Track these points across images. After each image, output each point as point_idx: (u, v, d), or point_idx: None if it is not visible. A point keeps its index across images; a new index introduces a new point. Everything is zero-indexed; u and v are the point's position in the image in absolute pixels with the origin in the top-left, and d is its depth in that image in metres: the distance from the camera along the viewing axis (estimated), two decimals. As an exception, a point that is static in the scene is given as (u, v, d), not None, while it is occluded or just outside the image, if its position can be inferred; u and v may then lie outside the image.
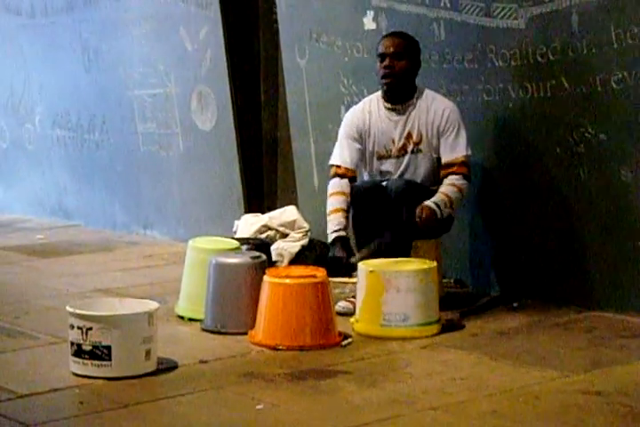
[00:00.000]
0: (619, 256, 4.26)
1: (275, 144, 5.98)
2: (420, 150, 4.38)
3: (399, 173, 4.40)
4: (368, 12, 5.01)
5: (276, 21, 5.66)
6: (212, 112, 5.91)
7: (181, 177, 6.21)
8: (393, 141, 4.39)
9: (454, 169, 4.32)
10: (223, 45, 5.75)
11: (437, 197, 4.24)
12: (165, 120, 6.22)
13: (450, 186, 4.29)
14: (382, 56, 4.36)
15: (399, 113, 4.38)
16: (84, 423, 3.12)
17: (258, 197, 5.93)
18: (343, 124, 4.51)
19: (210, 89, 5.89)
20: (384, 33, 4.90)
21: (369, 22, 5.03)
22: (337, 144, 4.50)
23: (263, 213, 5.63)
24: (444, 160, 4.35)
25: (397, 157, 4.40)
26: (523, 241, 4.61)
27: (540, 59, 4.38)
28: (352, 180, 4.40)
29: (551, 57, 4.34)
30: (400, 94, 4.38)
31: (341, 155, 4.44)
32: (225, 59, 5.76)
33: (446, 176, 4.32)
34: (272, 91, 5.92)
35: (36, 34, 7.03)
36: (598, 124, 4.24)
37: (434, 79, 4.74)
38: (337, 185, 4.39)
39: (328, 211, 4.37)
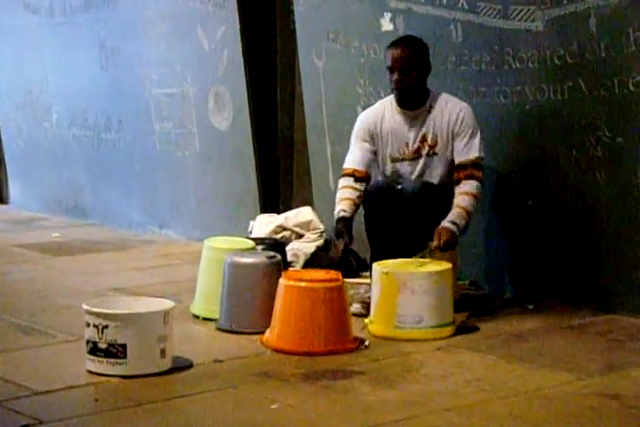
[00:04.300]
0: (635, 259, 4.25)
1: (291, 144, 5.99)
2: (435, 153, 4.38)
3: (415, 175, 4.40)
4: (385, 13, 5.02)
5: (293, 22, 5.67)
6: (228, 112, 5.93)
7: (197, 177, 6.22)
8: (407, 145, 4.39)
9: (467, 172, 4.30)
10: (240, 45, 5.75)
11: (454, 214, 4.23)
12: (182, 120, 6.23)
13: (463, 195, 4.27)
14: (391, 70, 4.34)
15: (413, 117, 4.38)
16: (99, 421, 3.13)
17: (273, 198, 5.94)
18: (356, 126, 4.50)
19: (226, 89, 5.90)
20: (401, 34, 4.91)
21: (386, 24, 5.03)
22: (350, 148, 4.51)
23: (279, 213, 5.64)
24: (457, 161, 4.34)
25: (412, 159, 4.40)
26: (538, 243, 4.60)
27: (557, 61, 4.37)
28: (362, 180, 4.40)
29: (569, 59, 4.33)
30: (413, 101, 4.38)
31: (353, 157, 4.45)
32: (242, 59, 5.77)
33: (459, 180, 4.31)
34: (289, 91, 5.93)
35: (54, 33, 7.06)
36: (616, 128, 4.23)
37: (451, 81, 4.74)
38: (344, 181, 4.42)
39: (337, 200, 4.40)
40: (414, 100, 4.37)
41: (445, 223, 4.21)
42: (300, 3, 5.49)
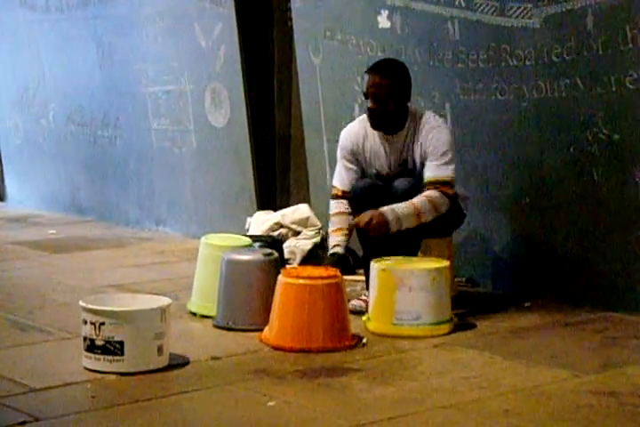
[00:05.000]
0: (632, 257, 4.26)
1: (288, 141, 5.99)
2: (415, 176, 4.28)
3: None
4: (382, 10, 5.01)
5: (290, 18, 5.67)
6: (225, 109, 5.92)
7: (194, 174, 6.22)
8: (389, 167, 4.34)
9: (435, 186, 4.15)
10: (237, 42, 5.75)
11: (401, 204, 4.10)
12: (179, 117, 6.23)
13: (422, 197, 4.13)
14: (366, 96, 4.27)
15: (391, 141, 4.30)
16: (96, 418, 3.13)
17: (270, 195, 5.94)
18: (340, 144, 4.45)
19: (223, 86, 5.90)
20: (399, 31, 4.92)
21: (383, 21, 5.02)
22: (337, 164, 4.47)
23: (275, 210, 5.64)
24: (426, 179, 4.19)
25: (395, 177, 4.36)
26: (535, 240, 4.60)
27: (554, 58, 4.38)
28: (350, 199, 4.37)
29: (566, 57, 4.33)
30: (390, 127, 4.28)
31: (340, 177, 4.43)
32: (239, 56, 5.77)
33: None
34: (286, 88, 5.93)
35: (51, 29, 7.05)
36: (612, 125, 4.23)
37: (448, 78, 4.74)
38: (336, 206, 4.41)
39: (329, 230, 4.43)
40: (391, 125, 4.28)
41: (383, 207, 4.10)
42: None
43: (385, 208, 4.11)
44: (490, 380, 3.44)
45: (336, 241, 4.36)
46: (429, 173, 4.20)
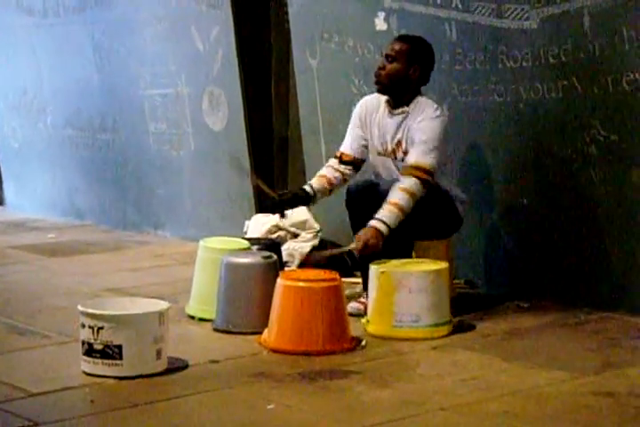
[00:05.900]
0: (630, 258, 4.26)
1: (285, 144, 5.99)
2: None
3: (392, 175, 4.31)
4: (379, 12, 5.02)
5: (287, 21, 5.66)
6: (223, 112, 5.92)
7: (192, 177, 6.22)
8: (386, 143, 4.36)
9: (409, 171, 4.13)
10: (234, 45, 5.75)
11: (385, 211, 4.06)
12: (176, 120, 6.23)
13: (401, 191, 4.09)
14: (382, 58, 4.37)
15: (393, 118, 4.33)
16: (95, 422, 3.13)
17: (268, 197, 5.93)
18: (355, 109, 4.51)
19: (221, 89, 5.90)
20: (395, 34, 4.92)
21: (380, 23, 5.03)
22: (348, 129, 4.53)
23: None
24: (407, 161, 4.18)
25: (391, 158, 4.35)
26: (533, 242, 4.60)
27: (551, 60, 4.38)
28: (348, 163, 4.44)
29: (563, 58, 4.33)
30: (392, 98, 4.32)
31: (345, 141, 4.51)
32: (236, 59, 5.76)
33: (400, 177, 4.16)
34: (283, 91, 5.93)
35: (49, 34, 7.05)
36: (610, 126, 4.23)
37: (445, 80, 4.74)
38: (330, 161, 4.52)
39: None
40: (393, 97, 4.31)
41: (373, 222, 4.07)
42: (293, 2, 5.49)
43: (375, 223, 4.04)
44: (489, 381, 3.44)
45: (312, 181, 4.45)
46: (409, 159, 4.19)
